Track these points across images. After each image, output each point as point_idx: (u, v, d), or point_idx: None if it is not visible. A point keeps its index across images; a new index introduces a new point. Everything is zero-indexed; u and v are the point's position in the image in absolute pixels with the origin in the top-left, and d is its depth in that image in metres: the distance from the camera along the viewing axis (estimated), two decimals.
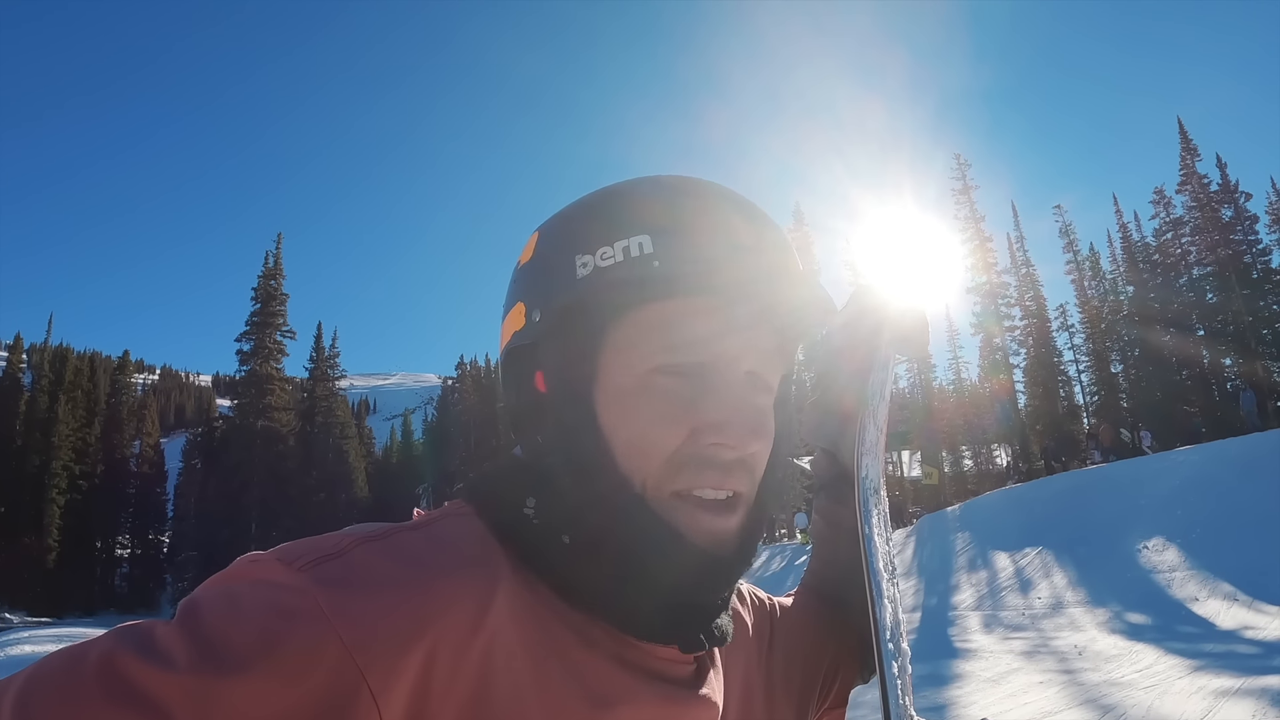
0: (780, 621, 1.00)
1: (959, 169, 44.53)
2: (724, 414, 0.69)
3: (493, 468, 0.78)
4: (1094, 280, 45.85)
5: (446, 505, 0.74)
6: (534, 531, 0.70)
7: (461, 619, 0.60)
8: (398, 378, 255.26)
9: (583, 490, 0.70)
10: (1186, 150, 41.15)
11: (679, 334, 0.69)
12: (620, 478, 0.69)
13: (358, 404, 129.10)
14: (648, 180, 0.77)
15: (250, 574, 0.60)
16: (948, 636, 14.37)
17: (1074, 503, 20.02)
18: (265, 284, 53.20)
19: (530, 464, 0.76)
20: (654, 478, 0.69)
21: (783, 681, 0.96)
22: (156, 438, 67.20)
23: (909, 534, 26.99)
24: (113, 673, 0.53)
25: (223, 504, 49.08)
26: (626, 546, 0.69)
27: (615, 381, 0.70)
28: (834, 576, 1.06)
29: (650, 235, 0.70)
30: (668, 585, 0.70)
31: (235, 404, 53.91)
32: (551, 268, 0.73)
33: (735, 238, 0.72)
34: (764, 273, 0.72)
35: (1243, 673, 8.40)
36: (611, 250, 0.70)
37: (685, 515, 0.69)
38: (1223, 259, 38.95)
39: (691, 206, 0.73)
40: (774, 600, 1.03)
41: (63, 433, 54.93)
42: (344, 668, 0.55)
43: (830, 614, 1.05)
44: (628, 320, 0.70)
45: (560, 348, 0.72)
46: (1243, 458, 16.69)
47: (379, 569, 0.60)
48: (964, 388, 48.00)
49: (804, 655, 1.00)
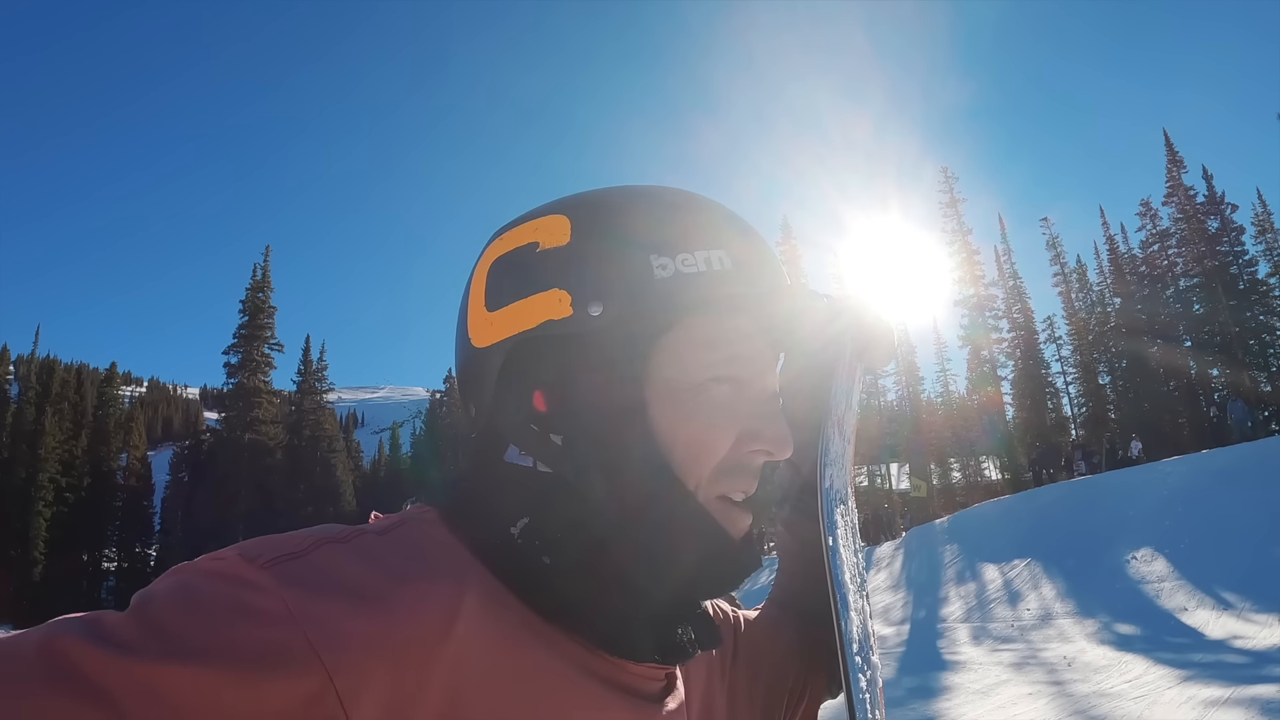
0: (744, 635, 0.99)
1: (946, 182, 44.69)
2: (765, 422, 0.73)
3: (485, 478, 0.74)
4: (1081, 292, 46.01)
5: (410, 510, 0.71)
6: (515, 551, 0.69)
7: (429, 628, 0.59)
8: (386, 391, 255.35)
9: (633, 492, 0.69)
10: (1172, 162, 41.32)
11: (735, 347, 0.72)
12: (675, 482, 0.69)
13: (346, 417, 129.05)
14: (692, 194, 0.77)
15: (211, 568, 0.58)
16: (936, 649, 14.35)
17: (1062, 514, 20.09)
18: (253, 296, 52.97)
19: (533, 477, 0.72)
20: (705, 481, 0.71)
21: (745, 697, 0.94)
22: (144, 450, 66.80)
23: (897, 546, 27.04)
24: (55, 657, 0.51)
25: (210, 517, 48.66)
26: (677, 548, 0.69)
27: (673, 385, 0.70)
28: (799, 589, 1.05)
29: (727, 251, 0.72)
30: (699, 585, 0.73)
31: (223, 417, 53.65)
32: (617, 262, 0.71)
33: (768, 257, 0.76)
34: (781, 289, 0.76)
35: (1232, 682, 8.42)
36: (693, 259, 0.70)
37: (725, 515, 0.73)
38: (1209, 270, 39.09)
39: (745, 227, 0.76)
40: (738, 613, 1.02)
41: (49, 445, 54.56)
42: (310, 668, 0.54)
43: (796, 628, 1.04)
44: (691, 327, 0.71)
45: (616, 345, 0.70)
46: (1230, 468, 16.76)
47: (345, 571, 0.59)
48: (952, 400, 47.97)
49: (769, 670, 0.98)
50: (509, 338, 0.72)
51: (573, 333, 0.70)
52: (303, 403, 57.54)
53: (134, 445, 64.92)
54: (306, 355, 57.99)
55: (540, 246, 0.73)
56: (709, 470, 0.71)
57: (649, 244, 0.71)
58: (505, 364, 0.73)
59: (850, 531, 0.85)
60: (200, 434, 64.71)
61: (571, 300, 0.70)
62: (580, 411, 0.71)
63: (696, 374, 0.71)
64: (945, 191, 44.71)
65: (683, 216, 0.74)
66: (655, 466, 0.69)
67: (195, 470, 57.42)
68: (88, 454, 58.77)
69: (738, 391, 0.73)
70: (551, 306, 0.70)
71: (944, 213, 44.51)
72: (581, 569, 0.69)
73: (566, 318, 0.70)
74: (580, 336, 0.70)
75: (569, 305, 0.70)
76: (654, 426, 0.70)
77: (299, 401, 57.62)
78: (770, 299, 0.74)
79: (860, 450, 1.00)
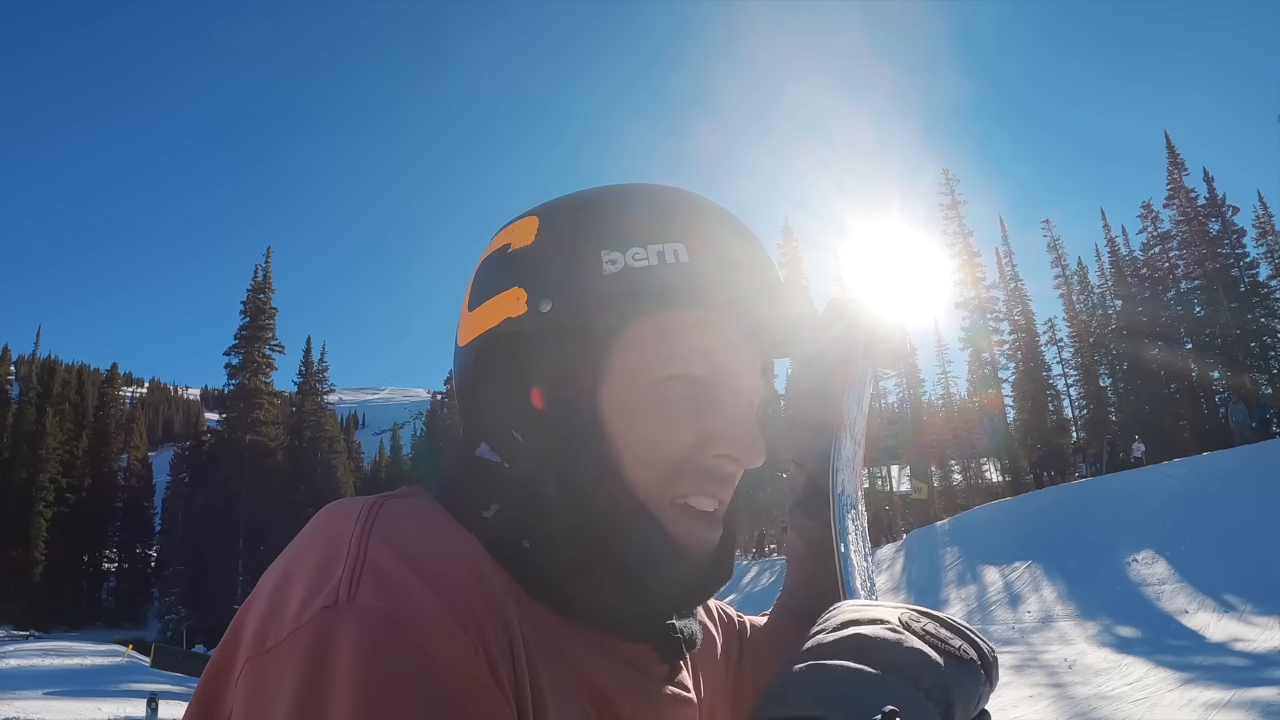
0: (750, 641, 0.98)
1: (947, 184, 44.76)
2: (731, 426, 0.70)
3: (459, 470, 0.74)
4: (1082, 294, 46.07)
5: (401, 488, 0.71)
6: (495, 531, 0.68)
7: (496, 598, 0.60)
8: (386, 392, 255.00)
9: (579, 495, 0.68)
10: (1174, 165, 41.34)
11: (694, 344, 0.69)
12: (623, 483, 0.68)
13: (346, 419, 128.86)
14: (666, 188, 0.76)
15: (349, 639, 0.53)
16: None
17: (1063, 516, 20.07)
18: (254, 297, 53.09)
19: (499, 468, 0.72)
20: (656, 485, 0.69)
21: (750, 704, 0.93)
22: (144, 451, 66.99)
23: (898, 548, 27.01)
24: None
25: (210, 518, 48.75)
26: (621, 553, 0.68)
27: (623, 384, 0.69)
28: (809, 595, 1.00)
29: (684, 244, 0.69)
30: (653, 592, 0.70)
31: (223, 418, 53.80)
32: (568, 258, 0.70)
33: (749, 255, 0.74)
34: (765, 290, 0.73)
35: (1233, 685, 8.41)
36: (645, 252, 0.68)
37: (679, 524, 0.70)
38: (1210, 272, 39.09)
39: (716, 221, 0.74)
40: (744, 618, 1.01)
41: (50, 445, 54.67)
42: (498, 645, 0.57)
43: (804, 634, 1.02)
44: (645, 324, 0.69)
45: (568, 343, 0.70)
46: (1231, 471, 16.75)
47: (420, 560, 0.58)
48: (953, 402, 47.88)
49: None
50: (478, 336, 0.73)
51: (528, 330, 0.70)
52: (303, 404, 57.60)
53: (135, 446, 65.09)
54: (307, 356, 58.05)
55: (511, 247, 0.74)
56: (659, 473, 0.69)
57: (603, 239, 0.70)
58: (475, 361, 0.74)
59: (861, 536, 0.85)
60: (201, 435, 64.61)
61: (527, 298, 0.70)
62: (536, 408, 0.71)
63: (651, 371, 0.69)
64: (946, 194, 44.80)
65: (642, 211, 0.72)
66: (602, 467, 0.68)
67: (196, 471, 57.34)
68: (88, 455, 58.88)
69: (700, 391, 0.70)
70: (510, 304, 0.71)
71: (945, 214, 44.64)
72: (563, 558, 0.68)
73: (521, 315, 0.70)
74: (534, 334, 0.71)
75: (524, 302, 0.70)
76: (604, 425, 0.68)
77: (300, 403, 57.67)
78: (743, 295, 0.71)
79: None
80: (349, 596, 0.54)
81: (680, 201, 0.74)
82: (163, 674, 23.76)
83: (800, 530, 1.00)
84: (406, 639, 0.53)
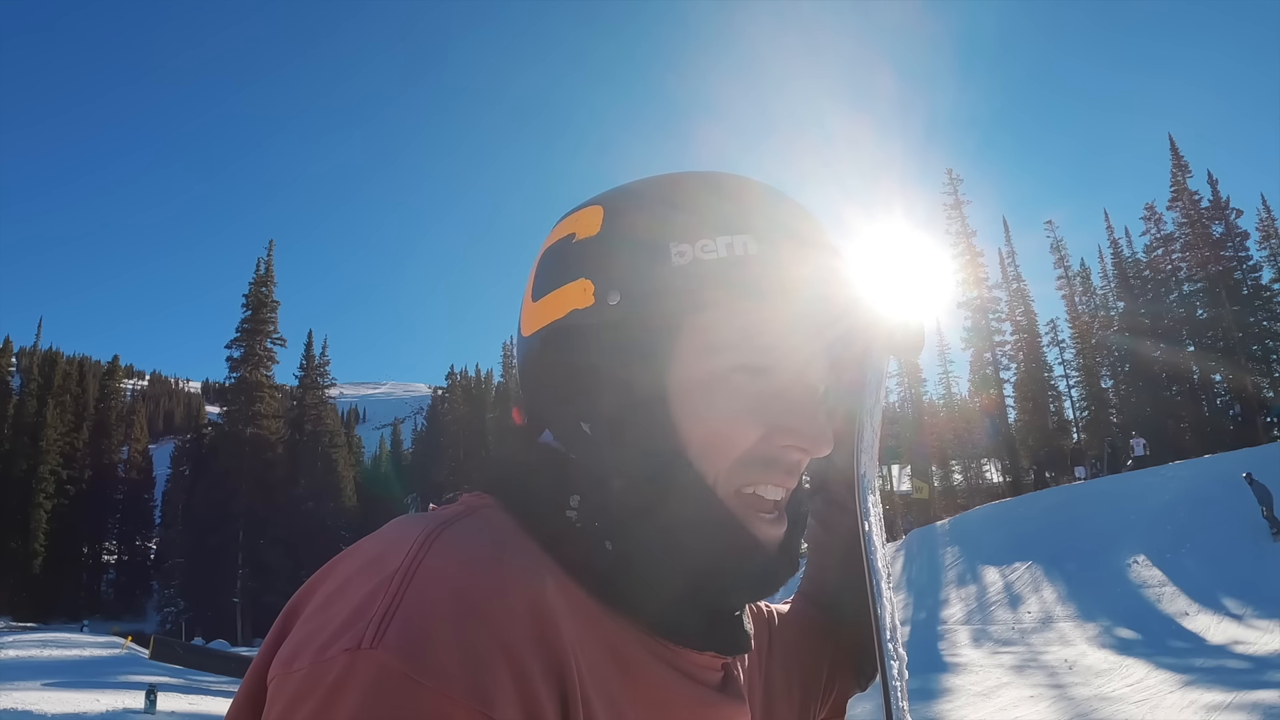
0: (778, 630, 0.98)
1: (950, 184, 44.80)
2: (798, 417, 0.70)
3: (521, 459, 0.73)
4: (1085, 295, 46.09)
5: (466, 498, 0.70)
6: (577, 536, 0.67)
7: (551, 632, 0.58)
8: (387, 387, 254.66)
9: (650, 486, 0.68)
10: (1177, 167, 41.37)
11: (762, 336, 0.69)
12: (694, 474, 0.68)
13: (347, 413, 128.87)
14: (733, 177, 0.76)
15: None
16: (937, 650, 14.36)
17: (1063, 518, 20.09)
18: (256, 291, 53.10)
19: (567, 457, 0.72)
20: (725, 475, 0.69)
21: (783, 692, 0.94)
22: (145, 444, 67.13)
23: (898, 548, 26.99)
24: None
25: (210, 511, 48.88)
26: (696, 544, 0.68)
27: (692, 375, 0.69)
28: (829, 582, 1.03)
29: (753, 236, 0.69)
30: (728, 585, 0.71)
31: (224, 411, 53.88)
32: (636, 251, 0.70)
33: (817, 247, 0.73)
34: (833, 282, 0.73)
35: (1233, 687, 8.41)
36: (713, 244, 0.68)
37: (748, 514, 0.70)
38: (1213, 275, 39.12)
39: (784, 213, 0.73)
40: (771, 608, 1.01)
41: (50, 437, 54.73)
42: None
43: (826, 621, 1.03)
44: (713, 316, 0.69)
45: (636, 335, 0.69)
46: (1232, 472, 16.71)
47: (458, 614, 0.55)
48: (954, 402, 47.97)
49: (802, 665, 0.98)
50: (544, 326, 0.73)
51: (596, 322, 0.70)
52: (304, 398, 57.73)
53: (135, 438, 65.22)
54: (309, 350, 58.13)
55: (576, 237, 0.74)
56: (729, 463, 0.68)
57: (671, 231, 0.70)
58: (542, 352, 0.73)
59: (879, 519, 0.85)
60: (202, 428, 64.87)
61: (594, 289, 0.70)
62: (604, 400, 0.70)
63: (718, 363, 0.69)
64: (950, 194, 44.82)
65: (710, 201, 0.72)
66: (670, 458, 0.68)
67: (196, 464, 57.51)
68: (89, 447, 58.97)
69: (766, 383, 0.70)
70: (577, 296, 0.71)
71: (948, 215, 44.61)
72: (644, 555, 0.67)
73: (589, 307, 0.70)
74: (603, 326, 0.70)
75: (591, 294, 0.70)
76: (672, 417, 0.68)
77: (301, 396, 57.82)
78: (811, 288, 0.71)
79: None
80: (372, 643, 0.53)
81: (748, 191, 0.74)
82: (161, 666, 23.84)
83: (820, 517, 1.00)
84: (415, 705, 0.52)
